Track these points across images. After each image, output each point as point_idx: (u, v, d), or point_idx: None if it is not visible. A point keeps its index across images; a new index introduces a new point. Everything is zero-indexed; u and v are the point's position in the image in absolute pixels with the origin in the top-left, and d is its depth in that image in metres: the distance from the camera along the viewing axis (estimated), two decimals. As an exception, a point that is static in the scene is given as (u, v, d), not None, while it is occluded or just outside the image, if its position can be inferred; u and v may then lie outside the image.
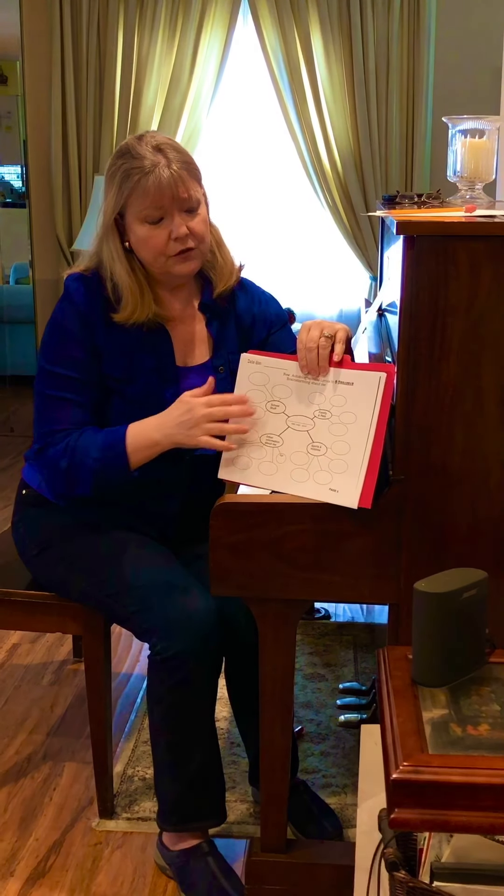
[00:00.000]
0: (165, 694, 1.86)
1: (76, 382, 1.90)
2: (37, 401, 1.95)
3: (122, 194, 1.85)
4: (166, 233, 1.85)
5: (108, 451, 1.84)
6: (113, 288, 1.91)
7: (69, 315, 1.92)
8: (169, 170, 1.82)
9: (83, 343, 1.91)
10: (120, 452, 1.83)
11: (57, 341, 1.93)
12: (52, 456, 1.87)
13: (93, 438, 1.86)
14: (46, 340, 1.95)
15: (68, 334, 1.91)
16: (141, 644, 2.89)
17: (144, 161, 1.82)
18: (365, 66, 4.58)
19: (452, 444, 1.67)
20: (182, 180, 1.83)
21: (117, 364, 1.92)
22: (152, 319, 1.92)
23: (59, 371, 1.91)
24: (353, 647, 2.91)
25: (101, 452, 1.84)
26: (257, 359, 1.81)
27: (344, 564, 1.71)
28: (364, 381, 1.72)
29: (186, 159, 1.86)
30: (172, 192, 1.82)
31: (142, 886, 1.97)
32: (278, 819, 1.88)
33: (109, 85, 4.66)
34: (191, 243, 1.87)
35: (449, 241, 1.60)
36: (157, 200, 1.83)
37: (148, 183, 1.81)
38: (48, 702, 2.64)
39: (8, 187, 5.76)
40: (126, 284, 1.89)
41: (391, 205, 2.24)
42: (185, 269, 1.90)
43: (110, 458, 1.84)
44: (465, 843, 1.31)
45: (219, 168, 4.79)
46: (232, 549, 1.71)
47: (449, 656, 1.42)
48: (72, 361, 1.90)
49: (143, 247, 1.88)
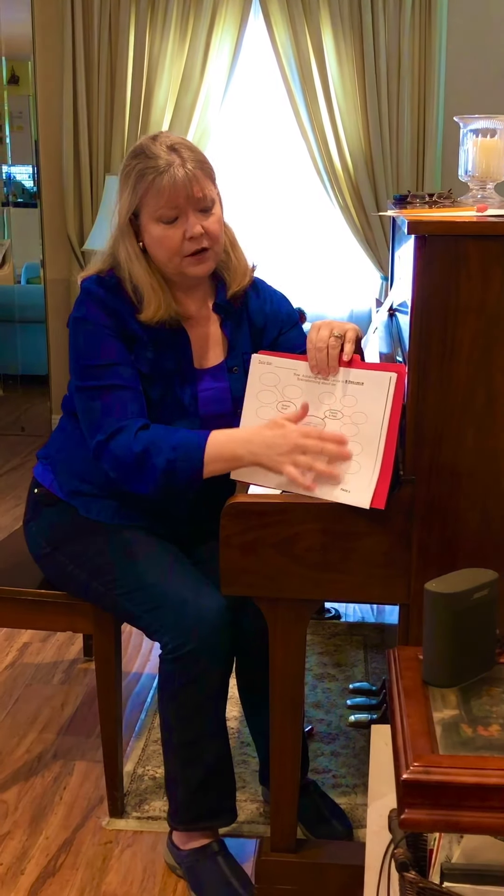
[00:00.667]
0: (176, 693, 1.86)
1: (120, 368, 1.86)
2: (82, 400, 1.89)
3: (136, 194, 1.85)
4: (181, 232, 1.85)
5: (184, 453, 1.76)
6: (134, 289, 1.90)
7: (94, 310, 1.88)
8: (184, 169, 1.81)
9: (116, 332, 1.87)
10: (197, 458, 1.75)
11: (89, 337, 1.88)
12: (119, 446, 1.80)
13: (167, 436, 1.79)
14: (76, 342, 1.90)
15: (98, 327, 1.87)
16: (151, 643, 2.89)
17: (159, 161, 1.82)
18: (376, 66, 4.58)
19: (463, 445, 1.67)
20: (197, 179, 1.83)
21: (145, 360, 1.90)
22: (174, 318, 1.91)
23: (99, 363, 1.86)
24: (363, 648, 2.90)
25: (175, 453, 1.76)
26: (268, 359, 1.81)
27: (354, 564, 1.70)
28: (375, 381, 1.72)
29: (201, 159, 1.86)
30: (187, 191, 1.82)
31: (152, 885, 1.97)
32: (288, 819, 1.88)
33: (121, 85, 4.67)
34: (205, 243, 1.87)
35: (460, 241, 1.60)
36: (171, 200, 1.82)
37: (163, 182, 1.81)
38: (59, 700, 2.65)
39: (19, 187, 5.77)
40: (147, 283, 1.88)
41: (402, 204, 2.24)
42: (199, 270, 1.90)
43: (184, 462, 1.76)
44: (475, 843, 1.31)
45: (229, 167, 4.78)
46: (242, 549, 1.71)
47: (459, 657, 1.41)
48: (110, 350, 1.86)
49: (158, 247, 1.88)
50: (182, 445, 1.77)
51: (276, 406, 1.79)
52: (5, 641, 2.97)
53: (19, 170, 5.74)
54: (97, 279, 1.92)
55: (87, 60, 4.68)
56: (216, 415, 1.96)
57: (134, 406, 1.85)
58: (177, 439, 1.78)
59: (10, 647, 2.93)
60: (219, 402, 1.97)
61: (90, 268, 1.98)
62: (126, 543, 1.95)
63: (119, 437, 1.81)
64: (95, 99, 4.72)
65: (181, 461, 1.76)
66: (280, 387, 1.79)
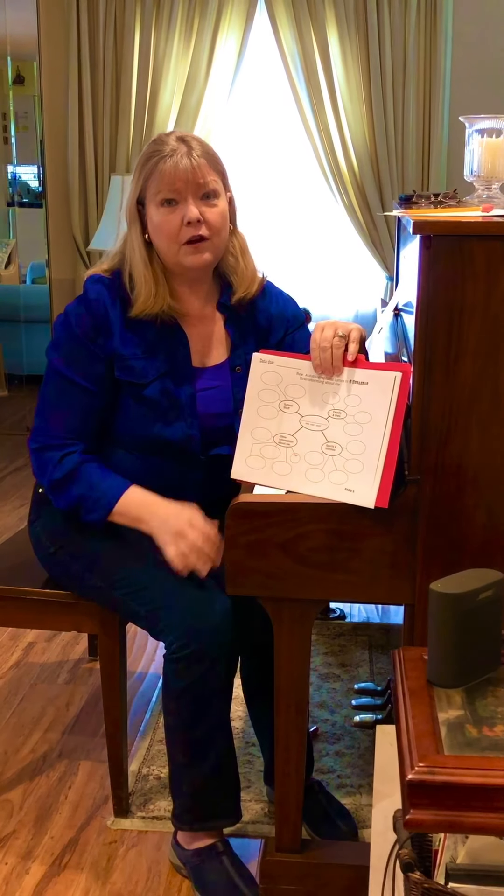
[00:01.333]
0: (180, 693, 1.86)
1: (86, 392, 1.92)
2: (43, 397, 1.97)
3: (141, 177, 1.88)
4: (179, 217, 1.86)
5: (99, 495, 1.88)
6: (130, 280, 1.91)
7: (85, 325, 1.92)
8: (189, 157, 1.84)
9: (95, 355, 1.92)
10: (106, 506, 1.88)
11: (69, 346, 1.93)
12: (47, 462, 1.92)
13: (92, 474, 1.90)
14: (59, 338, 1.95)
15: (80, 343, 1.92)
16: (156, 643, 2.89)
17: (165, 147, 1.86)
18: (381, 66, 4.57)
19: (469, 444, 1.67)
20: (200, 167, 1.85)
21: (132, 369, 1.92)
22: (167, 312, 1.92)
23: (69, 376, 1.92)
24: (368, 648, 2.90)
25: (90, 491, 1.89)
26: (270, 358, 1.80)
27: (359, 565, 1.70)
28: (379, 380, 1.72)
29: (209, 151, 1.90)
30: (188, 175, 1.84)
31: (156, 885, 1.97)
32: (293, 819, 1.88)
33: (126, 85, 4.67)
34: (203, 231, 1.87)
35: (465, 241, 1.60)
36: (171, 183, 1.85)
37: (165, 165, 1.84)
38: (63, 700, 2.65)
39: (25, 187, 5.78)
40: (141, 273, 1.90)
41: (407, 204, 2.24)
42: (196, 260, 1.90)
43: (94, 503, 1.89)
44: (480, 844, 1.30)
45: (234, 167, 4.77)
46: (247, 549, 1.71)
47: (465, 657, 1.41)
48: (83, 370, 1.92)
49: (158, 233, 1.89)
50: (99, 488, 1.89)
51: (278, 405, 1.78)
52: (10, 641, 2.97)
53: (24, 170, 5.75)
54: (99, 278, 1.94)
55: (92, 60, 4.69)
56: (216, 413, 1.96)
57: (79, 426, 1.94)
58: (97, 479, 1.90)
59: (15, 647, 2.94)
60: (220, 401, 1.98)
61: (98, 266, 1.99)
62: (130, 543, 1.95)
63: (47, 454, 1.93)
64: (100, 99, 4.72)
65: (91, 501, 1.89)
66: (282, 386, 1.79)
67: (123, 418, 1.95)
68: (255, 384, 1.80)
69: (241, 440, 1.79)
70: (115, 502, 1.88)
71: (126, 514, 1.89)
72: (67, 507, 1.93)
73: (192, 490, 1.99)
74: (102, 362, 1.92)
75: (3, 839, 2.10)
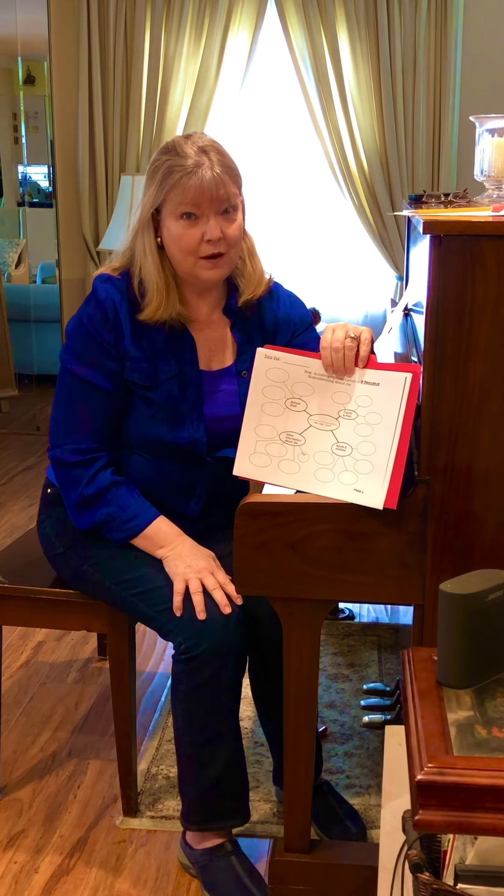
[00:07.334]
0: (190, 693, 1.86)
1: (103, 393, 1.92)
2: (60, 404, 1.97)
3: (162, 189, 1.86)
4: (200, 233, 1.86)
5: (128, 517, 1.91)
6: (139, 284, 1.91)
7: (97, 321, 1.92)
8: (212, 171, 1.83)
9: (109, 352, 1.92)
10: (134, 529, 1.91)
11: (84, 345, 1.93)
12: (77, 479, 1.93)
13: (122, 495, 1.92)
14: (73, 341, 1.96)
15: (95, 341, 1.92)
16: (165, 643, 2.89)
17: (188, 160, 1.84)
18: (392, 66, 4.57)
19: (479, 445, 1.66)
20: (223, 182, 1.85)
21: (141, 370, 1.93)
22: (176, 319, 1.92)
23: (86, 376, 1.92)
24: (377, 648, 2.90)
25: (120, 513, 1.91)
26: (275, 354, 1.79)
27: (369, 565, 1.70)
28: (390, 381, 1.71)
29: (229, 164, 1.89)
30: (212, 192, 1.83)
31: (165, 885, 1.97)
32: (302, 819, 1.88)
33: (136, 85, 4.67)
34: (222, 248, 1.87)
35: (476, 241, 1.59)
36: (195, 199, 1.84)
37: (189, 182, 1.83)
38: (73, 699, 2.66)
39: (35, 187, 5.79)
40: (153, 280, 1.90)
41: (418, 204, 2.23)
42: (212, 275, 1.90)
43: (122, 524, 1.92)
44: (489, 845, 1.30)
45: (244, 167, 4.77)
46: (256, 549, 1.71)
47: (474, 658, 1.41)
48: (99, 369, 1.92)
49: (175, 244, 1.88)
50: (129, 510, 1.92)
51: (284, 402, 1.77)
52: (20, 640, 2.97)
53: (35, 170, 5.77)
54: (108, 277, 1.95)
55: (102, 61, 4.69)
56: (223, 417, 1.97)
57: (99, 430, 1.94)
58: (128, 503, 1.92)
59: (24, 646, 2.94)
60: (227, 405, 1.98)
61: (107, 265, 1.99)
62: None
63: (76, 471, 1.93)
64: (111, 99, 4.73)
65: (120, 522, 1.92)
66: (289, 383, 1.78)
67: (131, 420, 1.96)
68: (260, 380, 1.79)
69: (245, 437, 1.78)
70: (145, 526, 1.91)
71: (149, 542, 1.92)
72: (91, 525, 1.94)
73: (200, 490, 1.99)
74: (116, 360, 1.92)
75: (13, 837, 2.11)
